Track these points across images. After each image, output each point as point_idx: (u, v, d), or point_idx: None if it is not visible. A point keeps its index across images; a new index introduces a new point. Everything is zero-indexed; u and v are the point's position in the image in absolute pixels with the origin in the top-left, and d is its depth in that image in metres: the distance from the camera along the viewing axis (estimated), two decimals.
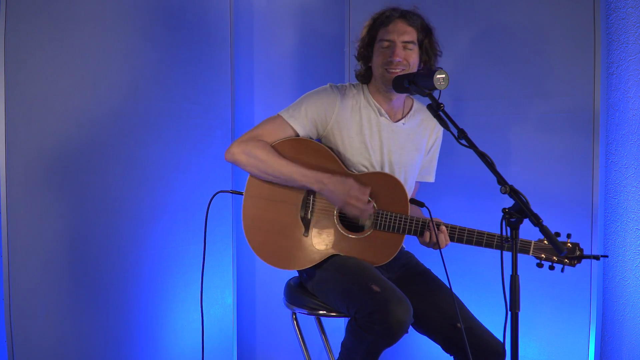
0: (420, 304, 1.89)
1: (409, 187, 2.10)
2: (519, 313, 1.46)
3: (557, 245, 1.45)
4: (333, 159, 1.98)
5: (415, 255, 2.13)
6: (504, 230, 1.49)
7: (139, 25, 2.47)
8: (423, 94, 1.79)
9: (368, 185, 1.92)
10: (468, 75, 2.56)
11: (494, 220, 1.61)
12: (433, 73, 1.76)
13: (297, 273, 2.12)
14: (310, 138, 2.02)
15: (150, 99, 2.53)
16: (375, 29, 2.00)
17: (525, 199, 1.47)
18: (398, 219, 1.93)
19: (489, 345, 1.83)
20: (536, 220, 1.43)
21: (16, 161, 2.09)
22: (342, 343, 1.89)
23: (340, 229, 1.97)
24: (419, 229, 1.93)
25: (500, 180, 1.52)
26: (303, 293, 2.04)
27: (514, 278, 1.45)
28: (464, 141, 1.62)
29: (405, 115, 2.08)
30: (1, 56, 2.03)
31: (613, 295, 2.43)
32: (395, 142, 2.04)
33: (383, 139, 2.02)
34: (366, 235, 1.96)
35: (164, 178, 2.60)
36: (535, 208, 1.48)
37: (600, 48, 2.30)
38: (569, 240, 1.92)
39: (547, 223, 1.47)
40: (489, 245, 1.92)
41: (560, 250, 1.48)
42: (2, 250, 2.06)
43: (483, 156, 1.58)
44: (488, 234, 1.91)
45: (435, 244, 1.91)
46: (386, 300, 1.73)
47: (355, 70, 2.10)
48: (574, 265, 1.93)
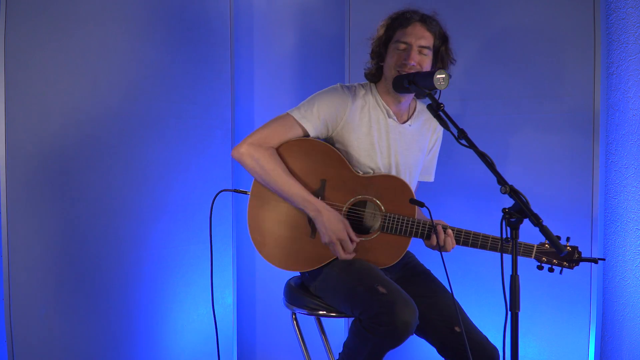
0: (419, 305, 1.89)
1: (413, 188, 2.10)
2: (519, 313, 1.46)
3: (558, 246, 1.45)
4: (341, 160, 1.97)
5: (417, 256, 2.13)
6: (504, 230, 1.49)
7: (139, 25, 2.47)
8: (423, 94, 1.79)
9: (358, 238, 1.92)
10: (468, 75, 2.56)
11: (494, 221, 1.62)
12: (433, 73, 1.76)
13: (299, 273, 2.12)
14: (318, 138, 2.02)
15: (150, 99, 2.52)
16: (393, 29, 1.98)
17: (525, 199, 1.47)
18: (405, 221, 1.93)
19: (483, 351, 1.84)
20: (536, 220, 1.43)
21: (16, 161, 2.09)
22: (345, 343, 1.89)
23: None
24: (426, 232, 1.93)
25: (500, 180, 1.52)
26: (303, 293, 2.04)
27: (514, 278, 1.45)
28: (464, 141, 1.62)
29: (410, 116, 2.08)
30: (1, 56, 2.03)
31: (613, 295, 2.43)
32: (401, 144, 2.04)
33: (391, 141, 2.02)
34: (373, 237, 1.96)
35: (164, 178, 2.60)
36: (535, 208, 1.49)
37: (600, 48, 2.30)
38: (567, 244, 1.93)
39: (547, 223, 1.47)
40: (493, 248, 1.92)
41: (561, 250, 1.48)
42: (2, 250, 2.06)
43: (483, 156, 1.58)
44: (493, 238, 1.91)
45: (441, 247, 1.91)
46: (392, 302, 1.73)
47: (365, 68, 2.09)
48: (572, 268, 1.94)
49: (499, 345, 1.85)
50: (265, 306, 3.09)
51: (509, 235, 1.49)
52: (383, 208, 1.94)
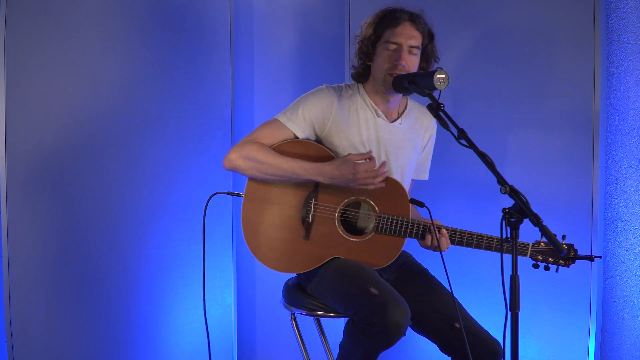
0: (418, 304, 1.89)
1: (406, 187, 2.09)
2: (519, 313, 1.46)
3: (558, 246, 1.45)
4: (332, 159, 1.97)
5: (415, 256, 2.13)
6: (504, 230, 1.49)
7: (139, 25, 2.47)
8: (423, 94, 1.79)
9: (368, 151, 1.89)
10: (468, 75, 2.55)
11: (494, 220, 1.61)
12: (433, 73, 1.76)
13: (296, 274, 2.12)
14: (308, 139, 2.01)
15: (150, 99, 2.52)
16: (382, 28, 1.95)
17: (525, 199, 1.47)
18: (399, 222, 1.93)
19: (486, 345, 1.83)
20: (536, 220, 1.43)
21: (16, 161, 2.09)
22: (340, 345, 1.89)
23: (341, 232, 1.96)
24: (420, 232, 1.93)
25: (500, 180, 1.52)
26: (301, 294, 2.04)
27: (514, 278, 1.45)
28: (464, 141, 1.62)
29: (401, 115, 2.07)
30: (1, 56, 2.03)
31: (613, 295, 2.43)
32: (392, 143, 2.03)
33: (381, 140, 2.01)
34: (367, 238, 1.96)
35: (164, 178, 2.60)
36: (535, 208, 1.48)
37: (600, 48, 2.30)
38: (563, 242, 1.93)
39: (547, 223, 1.47)
40: (488, 247, 1.92)
41: (561, 250, 1.48)
42: (2, 250, 2.06)
43: (483, 156, 1.58)
44: (488, 237, 1.91)
45: (436, 247, 1.90)
46: (384, 303, 1.73)
47: (352, 67, 2.07)
48: (568, 266, 1.94)
49: None
50: (265, 306, 3.09)
51: (509, 235, 1.49)
52: (377, 208, 1.94)
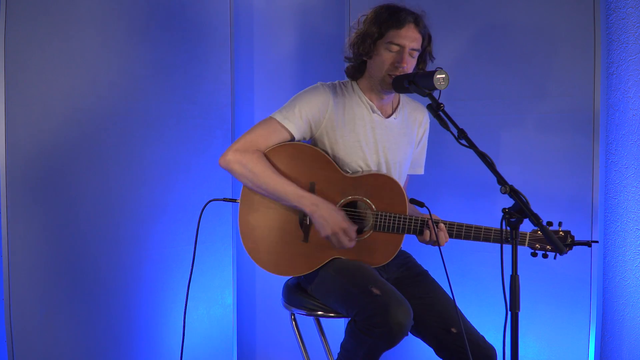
0: (416, 306, 1.89)
1: (403, 182, 2.10)
2: (519, 313, 1.46)
3: (558, 246, 1.46)
4: (328, 161, 1.96)
5: (415, 256, 2.13)
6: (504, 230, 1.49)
7: (139, 25, 2.47)
8: (423, 94, 1.79)
9: (355, 226, 1.91)
10: (468, 75, 2.55)
11: (494, 220, 1.62)
12: (433, 73, 1.76)
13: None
14: (304, 140, 2.01)
15: (150, 99, 2.52)
16: (386, 28, 1.92)
17: (525, 199, 1.47)
18: (397, 219, 1.93)
19: (481, 350, 1.84)
20: (536, 220, 1.44)
21: (16, 161, 2.09)
22: (342, 344, 1.89)
23: None
24: (418, 228, 1.93)
25: (500, 180, 1.52)
26: (301, 294, 2.04)
27: (514, 278, 1.45)
28: (464, 141, 1.62)
29: (395, 109, 2.07)
30: (1, 56, 2.03)
31: (613, 295, 2.43)
32: (389, 139, 2.03)
33: (377, 137, 2.01)
34: (365, 237, 1.96)
35: (164, 178, 2.59)
36: (535, 208, 1.48)
37: (600, 48, 2.30)
38: (560, 229, 1.93)
39: (546, 220, 1.47)
40: (486, 238, 1.92)
41: (561, 250, 1.49)
42: (2, 250, 2.06)
43: (483, 156, 1.58)
44: (486, 228, 1.92)
45: (435, 242, 1.91)
46: (386, 303, 1.72)
47: (347, 65, 2.05)
48: (565, 253, 1.93)
49: (499, 345, 1.85)
50: (265, 306, 3.09)
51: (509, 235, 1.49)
52: (374, 207, 1.94)
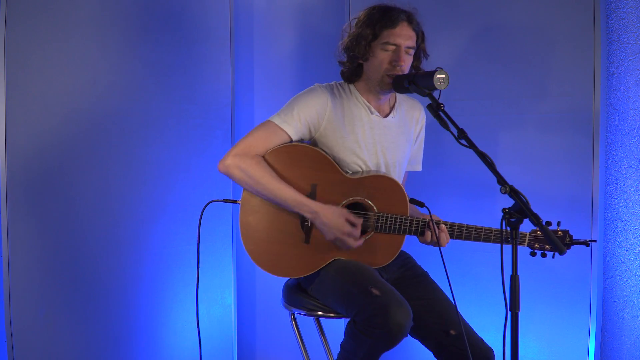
0: (415, 308, 1.88)
1: (401, 181, 2.10)
2: (519, 313, 1.46)
3: (558, 246, 1.46)
4: (329, 162, 1.96)
5: (416, 257, 2.13)
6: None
7: (139, 25, 2.47)
8: (423, 94, 1.79)
9: (360, 218, 1.91)
10: (468, 75, 2.55)
11: (494, 220, 1.62)
12: (433, 73, 1.75)
13: None
14: (302, 141, 2.00)
15: (150, 99, 2.52)
16: (380, 28, 1.92)
17: (525, 199, 1.47)
18: (398, 220, 1.93)
19: (479, 352, 1.84)
20: (536, 220, 1.44)
21: (16, 161, 2.09)
22: (341, 345, 1.89)
23: None
24: (419, 229, 1.93)
25: (500, 180, 1.52)
26: (301, 294, 2.03)
27: (514, 278, 1.45)
28: (464, 141, 1.62)
29: (392, 108, 2.06)
30: (1, 56, 2.03)
31: (613, 295, 2.43)
32: (387, 138, 2.02)
33: (376, 137, 2.01)
34: (367, 238, 1.96)
35: (164, 178, 2.59)
36: (535, 208, 1.48)
37: (600, 48, 2.30)
38: (559, 228, 1.94)
39: (546, 220, 1.47)
40: (487, 239, 1.92)
41: (561, 250, 1.49)
42: (2, 250, 2.06)
43: (483, 156, 1.58)
44: (486, 229, 1.92)
45: (436, 243, 1.91)
46: (386, 304, 1.72)
47: (343, 68, 2.03)
48: (565, 252, 1.93)
49: (498, 346, 1.84)
50: (265, 306, 3.09)
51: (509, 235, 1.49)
52: (375, 208, 1.94)
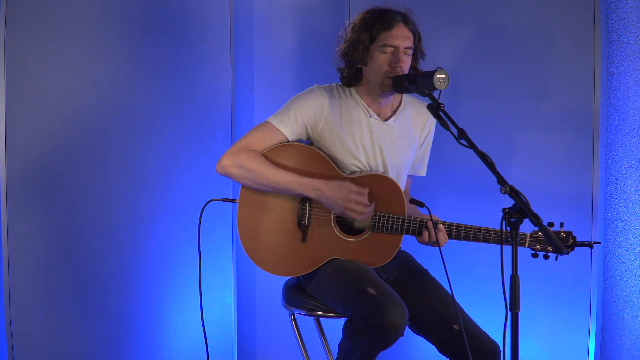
0: (417, 304, 1.89)
1: (402, 184, 2.09)
2: (519, 313, 1.46)
3: (558, 246, 1.45)
4: (326, 162, 1.97)
5: (415, 256, 2.13)
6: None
7: (139, 25, 2.47)
8: (423, 94, 1.79)
9: (365, 185, 1.91)
10: (468, 76, 2.55)
11: (494, 220, 1.61)
12: (433, 73, 1.75)
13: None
14: (300, 141, 2.00)
15: (150, 99, 2.52)
16: (376, 31, 1.92)
17: (525, 199, 1.47)
18: (396, 219, 1.93)
19: (484, 347, 1.83)
20: (536, 220, 1.43)
21: (16, 161, 2.09)
22: (339, 344, 1.89)
23: (338, 233, 1.96)
24: (417, 229, 1.93)
25: (500, 180, 1.52)
26: (301, 294, 2.04)
27: (514, 278, 1.45)
28: (464, 141, 1.62)
29: (395, 112, 2.05)
30: (1, 56, 2.03)
31: (613, 295, 2.43)
32: (386, 141, 2.02)
33: (374, 139, 2.00)
34: (364, 237, 1.96)
35: (164, 178, 2.60)
36: (535, 208, 1.48)
37: (600, 48, 2.30)
38: (562, 229, 1.93)
39: (548, 221, 1.47)
40: (486, 239, 1.92)
41: (561, 251, 1.48)
42: (2, 250, 2.06)
43: (483, 156, 1.58)
44: (485, 229, 1.92)
45: (434, 243, 1.91)
46: (382, 304, 1.73)
47: (342, 74, 2.02)
48: (567, 254, 1.93)
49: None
50: (265, 306, 3.09)
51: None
52: (374, 207, 1.94)
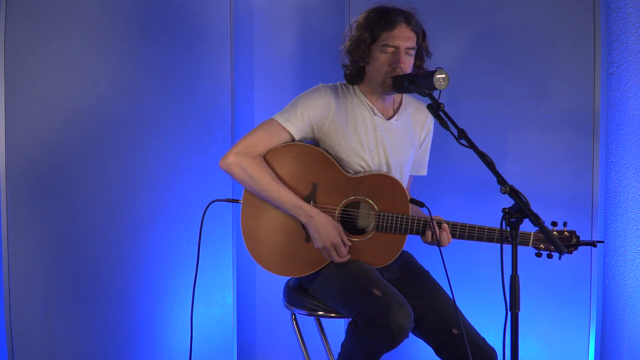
0: (417, 307, 1.89)
1: (405, 183, 2.09)
2: (519, 313, 1.46)
3: (559, 246, 1.45)
4: (330, 162, 1.97)
5: (417, 257, 2.13)
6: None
7: (139, 25, 2.47)
8: (423, 94, 1.79)
9: (350, 241, 1.93)
10: (468, 75, 2.56)
11: (494, 220, 1.62)
12: (433, 73, 1.76)
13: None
14: (305, 140, 2.01)
15: (150, 99, 2.52)
16: (378, 31, 1.92)
17: (525, 199, 1.47)
18: (399, 219, 1.93)
19: (482, 353, 1.84)
20: (536, 220, 1.44)
21: (16, 161, 2.09)
22: (342, 345, 1.89)
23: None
24: (421, 228, 1.93)
25: (500, 180, 1.52)
26: (302, 294, 2.04)
27: (514, 278, 1.45)
28: (464, 141, 1.62)
29: (396, 111, 2.06)
30: (1, 56, 2.03)
31: (613, 295, 2.43)
32: (390, 140, 2.03)
33: (378, 138, 2.01)
34: (368, 237, 1.96)
35: (164, 178, 2.59)
36: (535, 208, 1.49)
37: (600, 48, 2.30)
38: (565, 229, 1.93)
39: (550, 221, 1.47)
40: (490, 239, 1.92)
41: (561, 250, 1.48)
42: (2, 250, 2.06)
43: (483, 156, 1.58)
44: (489, 229, 1.92)
45: (438, 242, 1.91)
46: (387, 305, 1.73)
47: (346, 71, 2.04)
48: (571, 253, 1.93)
49: (498, 346, 1.85)
50: (265, 306, 3.09)
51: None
52: (376, 207, 1.94)
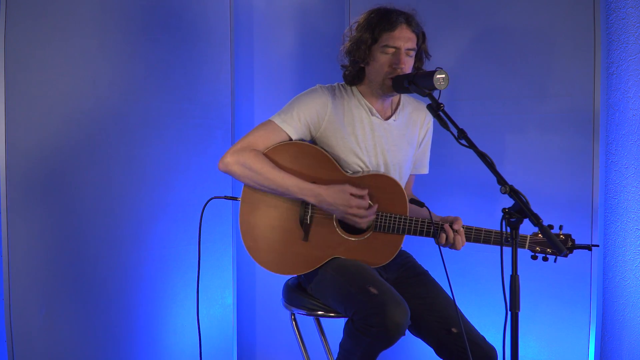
0: (416, 306, 1.89)
1: (404, 183, 2.09)
2: (519, 313, 1.46)
3: (558, 246, 1.46)
4: (329, 161, 1.97)
5: (416, 256, 2.13)
6: (504, 231, 1.49)
7: (139, 25, 2.47)
8: (423, 94, 1.79)
9: (365, 187, 1.91)
10: (468, 75, 2.56)
11: (494, 220, 1.62)
12: (433, 73, 1.76)
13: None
14: (303, 140, 2.01)
15: (150, 99, 2.52)
16: (379, 32, 1.92)
17: (525, 199, 1.47)
18: (397, 219, 1.93)
19: (481, 351, 1.84)
20: (536, 220, 1.44)
21: (16, 161, 2.09)
22: (340, 344, 1.89)
23: (340, 232, 1.96)
24: (419, 229, 1.93)
25: (500, 180, 1.52)
26: (301, 294, 2.04)
27: (514, 278, 1.45)
28: (464, 141, 1.62)
29: (395, 111, 2.06)
30: (1, 56, 2.03)
31: (613, 295, 2.43)
32: (388, 141, 2.03)
33: (376, 139, 2.01)
34: (366, 237, 1.96)
35: (164, 178, 2.59)
36: (535, 208, 1.49)
37: (600, 48, 2.30)
38: (561, 232, 1.94)
39: (547, 223, 1.47)
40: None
41: (561, 250, 1.48)
42: (2, 250, 2.06)
43: (483, 156, 1.58)
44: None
45: (452, 245, 1.91)
46: (383, 303, 1.73)
47: (345, 72, 2.04)
48: (566, 256, 1.94)
49: (498, 345, 1.85)
50: (265, 306, 3.09)
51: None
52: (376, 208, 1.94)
